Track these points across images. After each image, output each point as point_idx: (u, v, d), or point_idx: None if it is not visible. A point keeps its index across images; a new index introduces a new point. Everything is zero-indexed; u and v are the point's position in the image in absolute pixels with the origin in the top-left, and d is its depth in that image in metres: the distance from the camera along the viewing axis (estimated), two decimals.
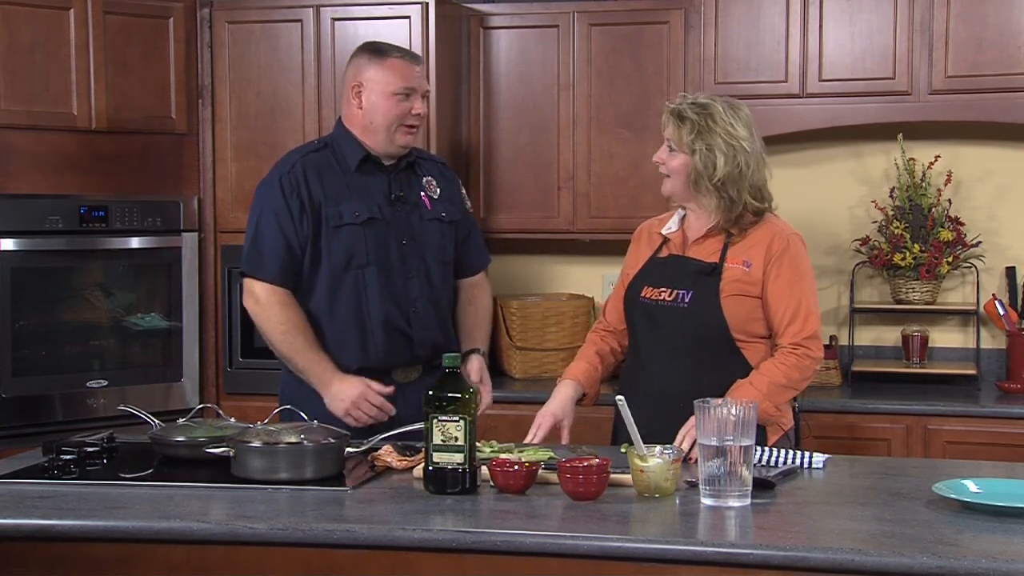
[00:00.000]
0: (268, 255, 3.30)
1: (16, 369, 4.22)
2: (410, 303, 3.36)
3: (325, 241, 3.31)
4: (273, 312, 3.29)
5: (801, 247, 3.11)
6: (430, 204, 3.43)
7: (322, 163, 3.36)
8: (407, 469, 2.83)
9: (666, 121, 3.14)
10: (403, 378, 3.36)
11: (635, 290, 3.19)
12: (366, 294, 3.32)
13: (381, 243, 3.33)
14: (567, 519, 2.45)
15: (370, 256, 3.32)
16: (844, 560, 2.20)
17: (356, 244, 3.31)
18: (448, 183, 3.52)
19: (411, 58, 3.38)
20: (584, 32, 4.57)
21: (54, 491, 2.70)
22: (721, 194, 3.07)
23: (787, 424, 3.13)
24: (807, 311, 3.04)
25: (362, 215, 3.32)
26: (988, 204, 4.60)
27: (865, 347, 4.70)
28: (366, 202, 3.33)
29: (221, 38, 4.60)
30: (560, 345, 4.70)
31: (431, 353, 3.37)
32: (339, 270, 3.31)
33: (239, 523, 2.44)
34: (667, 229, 3.23)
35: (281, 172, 3.35)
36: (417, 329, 3.36)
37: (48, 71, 4.26)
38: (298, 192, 3.30)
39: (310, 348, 3.28)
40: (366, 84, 3.34)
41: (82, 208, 4.34)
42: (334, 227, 3.30)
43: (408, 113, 3.33)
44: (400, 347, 3.35)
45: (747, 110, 3.14)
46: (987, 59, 4.21)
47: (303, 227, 3.30)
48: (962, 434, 4.04)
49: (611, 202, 4.59)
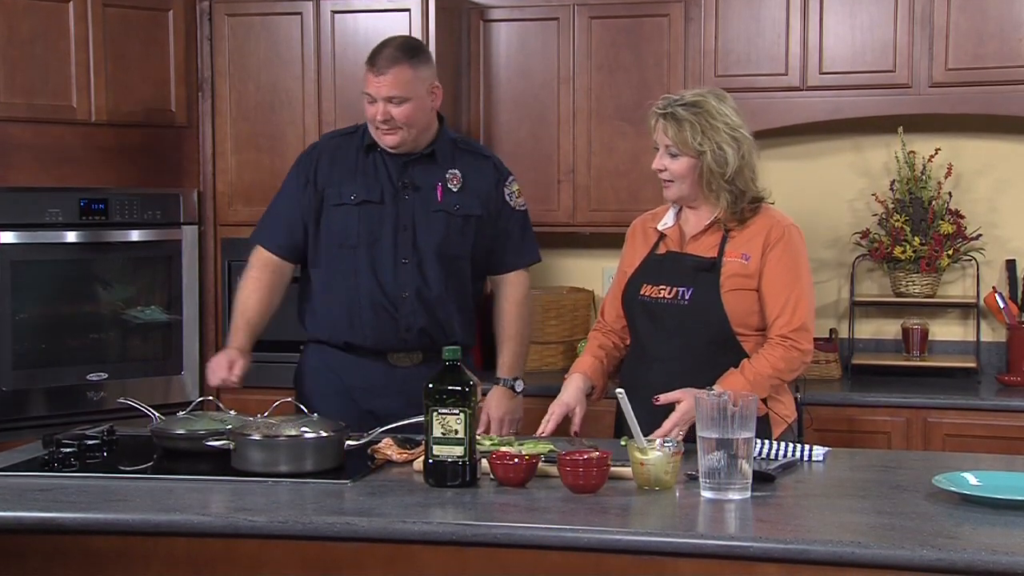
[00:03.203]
0: (267, 224, 3.53)
1: (16, 362, 4.22)
2: (399, 287, 3.40)
3: (325, 219, 3.45)
4: (250, 269, 3.51)
5: (798, 239, 3.08)
6: (442, 196, 3.45)
7: (342, 145, 3.51)
8: (407, 462, 2.84)
9: (657, 125, 3.05)
10: (399, 362, 3.44)
11: (633, 288, 3.16)
12: (356, 273, 3.41)
13: (375, 226, 3.42)
14: (567, 512, 2.45)
15: (360, 237, 3.41)
16: (844, 553, 2.20)
17: (349, 224, 3.42)
18: (480, 176, 3.52)
19: (375, 66, 3.36)
20: (584, 25, 4.56)
21: (54, 484, 2.70)
22: (732, 189, 3.04)
23: (790, 417, 3.12)
24: (797, 303, 3.01)
25: (359, 197, 3.42)
26: (988, 197, 4.59)
27: (865, 340, 4.70)
28: (368, 185, 3.43)
29: (221, 31, 4.60)
30: (560, 338, 4.70)
31: (420, 340, 3.42)
32: (334, 248, 3.44)
33: (239, 516, 2.44)
34: (663, 224, 3.18)
35: (304, 153, 3.59)
36: (404, 313, 3.41)
37: (48, 64, 4.26)
38: (307, 172, 3.48)
39: (242, 312, 3.45)
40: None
41: (82, 201, 4.34)
42: (333, 206, 3.44)
43: (375, 117, 3.38)
44: (387, 328, 3.41)
45: (731, 98, 3.11)
46: (988, 52, 4.21)
47: (304, 204, 3.46)
48: (962, 427, 4.04)
49: (611, 195, 4.59)
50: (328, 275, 3.45)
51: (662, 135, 3.05)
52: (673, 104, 3.04)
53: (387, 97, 3.34)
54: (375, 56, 3.39)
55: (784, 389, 3.12)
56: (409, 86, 3.36)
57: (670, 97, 3.08)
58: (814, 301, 3.10)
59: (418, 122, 3.40)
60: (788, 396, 3.15)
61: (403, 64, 3.36)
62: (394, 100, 3.35)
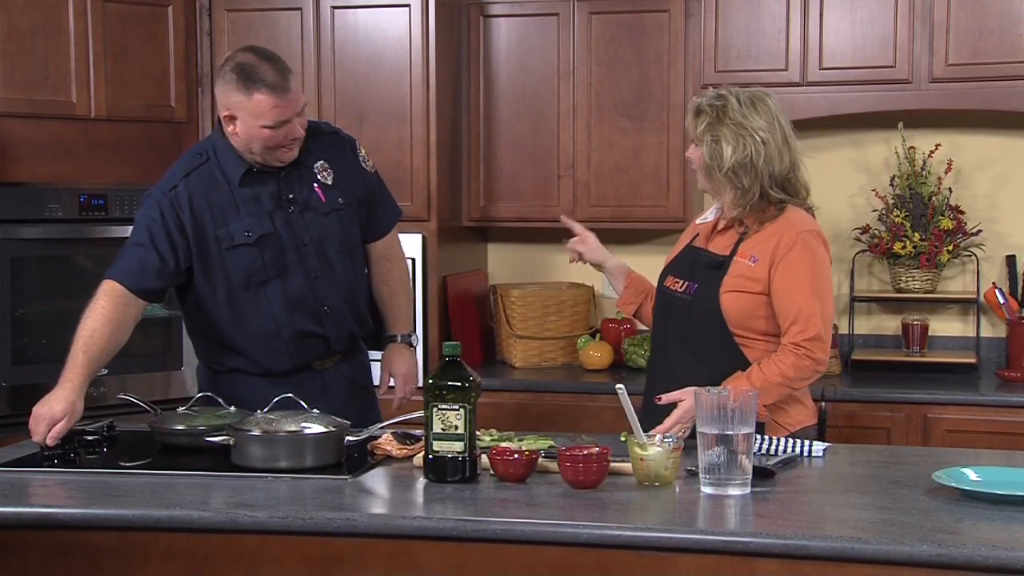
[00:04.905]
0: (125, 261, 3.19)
1: (16, 357, 4.22)
2: (319, 304, 3.28)
3: (218, 260, 3.21)
4: (98, 299, 3.14)
5: (815, 244, 3.02)
6: (324, 195, 3.29)
7: (207, 179, 3.22)
8: (407, 457, 2.84)
9: (687, 117, 3.15)
10: (321, 366, 3.35)
11: (663, 279, 3.21)
12: (271, 308, 3.24)
13: (278, 256, 3.23)
14: (567, 508, 2.45)
15: (269, 271, 3.22)
16: (844, 548, 2.20)
17: (253, 263, 3.21)
18: (342, 156, 3.36)
19: (276, 87, 3.09)
20: (584, 20, 4.56)
21: (54, 479, 2.71)
22: (734, 184, 3.03)
23: (794, 426, 3.05)
24: (811, 312, 2.95)
25: (253, 233, 3.20)
26: (988, 192, 4.59)
27: (865, 336, 4.70)
28: (255, 216, 3.21)
29: (220, 26, 4.60)
30: (560, 334, 4.70)
31: (349, 344, 3.38)
32: (238, 288, 3.23)
33: (239, 511, 2.44)
34: (701, 219, 3.25)
35: (162, 191, 3.22)
36: (331, 327, 3.31)
37: (47, 59, 4.25)
38: (174, 221, 3.18)
39: (84, 345, 3.06)
40: (237, 114, 3.14)
41: (82, 196, 4.33)
42: (227, 248, 3.20)
43: (286, 138, 3.16)
44: (316, 347, 3.31)
45: (772, 100, 3.08)
46: (988, 47, 4.21)
47: (177, 249, 3.18)
48: (962, 423, 4.04)
49: (611, 191, 4.59)
50: (234, 314, 3.24)
51: (687, 125, 3.15)
52: (707, 97, 3.10)
53: (299, 111, 3.15)
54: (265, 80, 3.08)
55: (794, 398, 3.06)
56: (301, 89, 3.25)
57: (711, 91, 3.12)
58: (832, 311, 3.04)
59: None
60: (799, 405, 3.09)
61: (290, 72, 3.16)
62: (302, 112, 3.17)
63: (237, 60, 3.16)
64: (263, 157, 3.19)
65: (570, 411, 4.30)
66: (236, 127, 3.16)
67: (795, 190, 3.08)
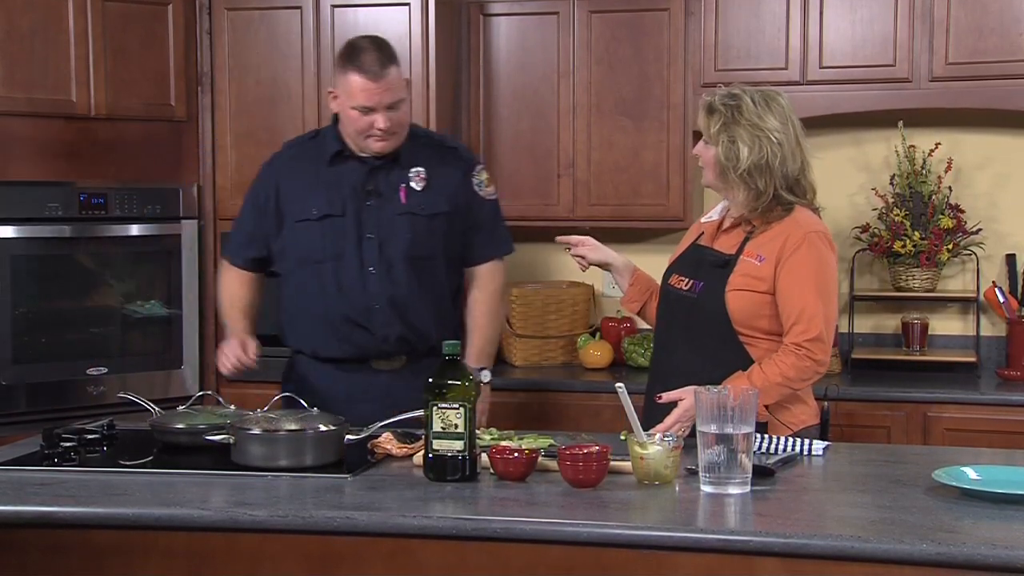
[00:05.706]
0: (233, 239, 3.52)
1: (16, 356, 4.22)
2: (370, 299, 3.32)
3: (289, 235, 3.38)
4: (226, 272, 3.52)
5: (820, 245, 3.01)
6: (406, 198, 3.35)
7: (304, 155, 3.42)
8: (407, 456, 2.84)
9: (699, 114, 3.13)
10: (381, 367, 3.38)
11: (667, 277, 3.20)
12: (324, 290, 3.34)
13: (337, 239, 3.32)
14: (567, 506, 2.45)
15: (326, 252, 3.33)
16: (844, 547, 2.20)
17: (312, 240, 3.34)
18: (448, 172, 3.42)
19: (373, 73, 3.22)
20: (584, 19, 4.56)
21: (54, 478, 2.71)
22: (749, 185, 3.02)
23: (797, 425, 3.05)
24: (814, 313, 2.95)
25: (321, 211, 3.32)
26: (988, 191, 4.59)
27: (865, 335, 4.70)
28: (330, 197, 3.33)
29: (220, 25, 4.60)
30: (560, 332, 4.70)
31: (399, 347, 3.37)
32: (300, 264, 3.37)
33: (239, 510, 2.44)
34: (706, 218, 3.24)
35: (267, 161, 3.49)
36: (377, 325, 3.34)
37: (47, 58, 4.25)
38: (268, 189, 3.40)
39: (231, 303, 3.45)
40: (337, 91, 3.31)
41: (81, 195, 4.33)
42: (296, 223, 3.36)
43: (371, 127, 3.26)
44: (363, 340, 3.35)
45: (784, 100, 3.08)
46: (988, 46, 4.20)
47: (265, 219, 3.41)
48: (962, 421, 4.04)
49: (611, 190, 4.59)
50: (297, 292, 3.39)
51: (699, 122, 3.13)
52: (718, 95, 3.08)
53: (389, 104, 3.24)
54: (361, 61, 3.22)
55: (797, 397, 3.06)
56: (404, 88, 3.29)
57: (721, 89, 3.11)
58: (835, 312, 3.03)
59: (408, 124, 3.35)
60: (801, 404, 3.09)
61: (394, 65, 3.26)
62: (394, 106, 3.25)
63: (350, 41, 3.34)
64: (355, 142, 3.31)
65: (570, 410, 4.30)
66: (336, 104, 3.32)
67: (803, 191, 3.08)
